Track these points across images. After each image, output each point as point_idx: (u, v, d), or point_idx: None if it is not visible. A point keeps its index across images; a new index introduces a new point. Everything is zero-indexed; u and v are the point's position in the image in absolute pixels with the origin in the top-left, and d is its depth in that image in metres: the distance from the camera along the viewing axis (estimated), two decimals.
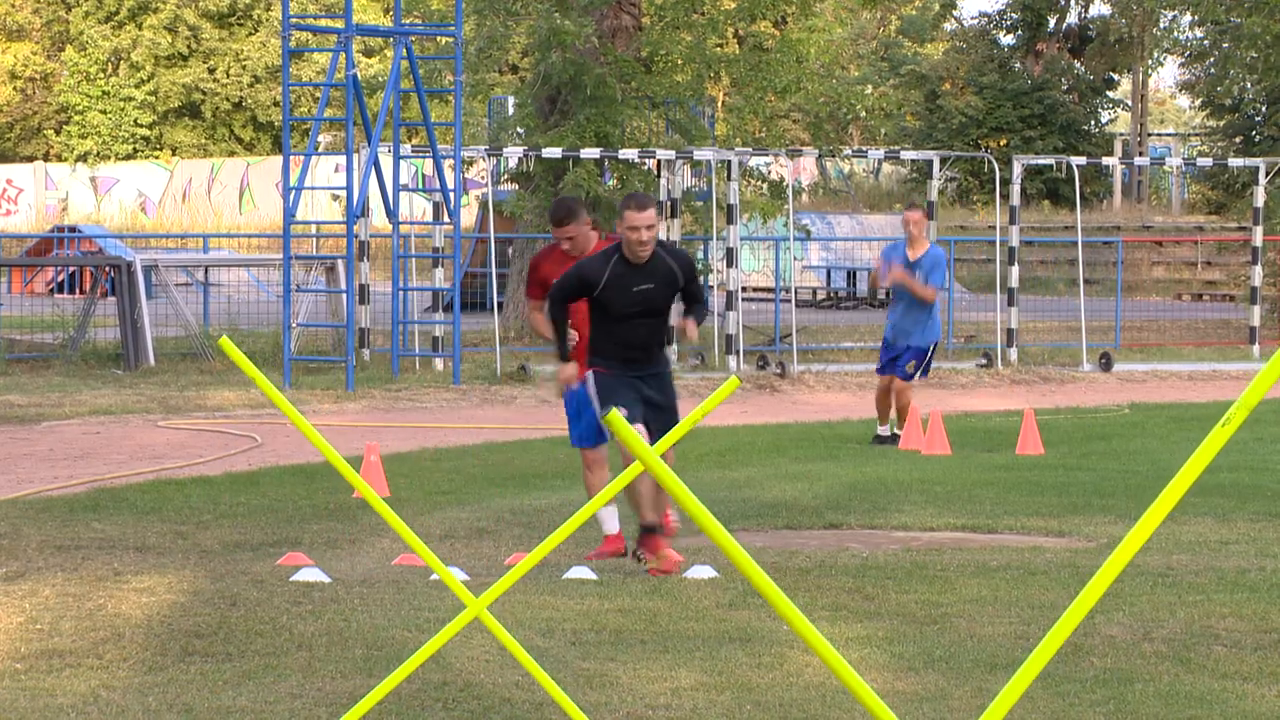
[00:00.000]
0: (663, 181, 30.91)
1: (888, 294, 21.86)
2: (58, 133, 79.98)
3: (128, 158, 76.76)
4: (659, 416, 12.40)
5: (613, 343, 12.41)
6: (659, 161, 31.27)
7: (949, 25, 79.59)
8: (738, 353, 30.42)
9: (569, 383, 12.20)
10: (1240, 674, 9.89)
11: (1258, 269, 33.94)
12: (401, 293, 29.92)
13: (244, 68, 77.69)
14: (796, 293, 36.22)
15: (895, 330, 20.89)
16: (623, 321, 12.36)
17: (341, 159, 30.48)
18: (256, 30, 77.79)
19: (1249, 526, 14.98)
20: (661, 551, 12.44)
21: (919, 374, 21.08)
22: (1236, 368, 31.86)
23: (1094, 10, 75.39)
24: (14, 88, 79.84)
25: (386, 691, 8.29)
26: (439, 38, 32.12)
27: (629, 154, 32.02)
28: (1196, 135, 76.43)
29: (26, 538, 14.01)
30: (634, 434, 5.38)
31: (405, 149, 31.08)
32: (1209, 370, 31.98)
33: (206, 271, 37.32)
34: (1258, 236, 33.96)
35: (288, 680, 9.57)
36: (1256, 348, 33.51)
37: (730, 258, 30.80)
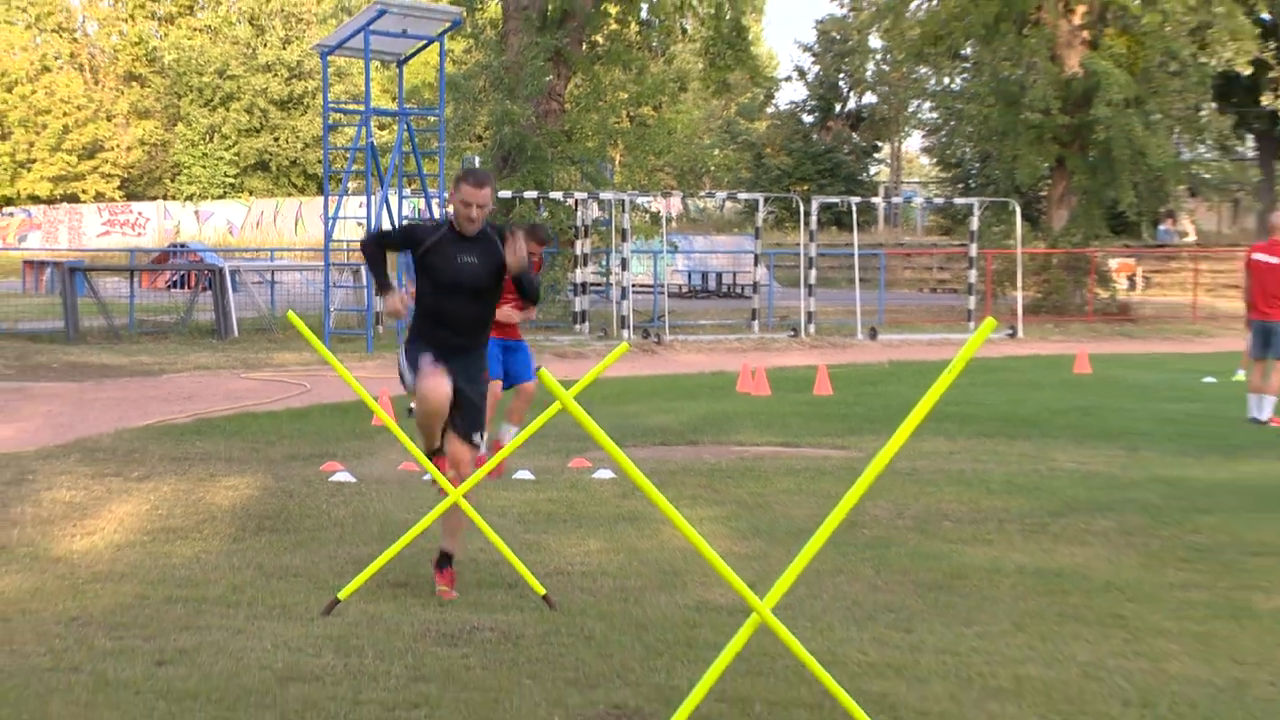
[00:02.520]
0: (579, 213, 30.86)
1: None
2: (172, 180, 79.34)
3: (220, 198, 76.20)
4: (455, 423, 8.38)
5: (433, 324, 8.31)
6: (576, 200, 31.22)
7: (770, 109, 79.76)
8: (628, 327, 30.43)
9: (395, 311, 8.43)
10: (960, 539, 9.97)
11: (973, 271, 34.16)
12: (402, 291, 29.84)
13: (298, 137, 77.22)
14: (667, 287, 36.23)
15: None
16: (446, 296, 8.26)
17: (363, 198, 30.30)
18: (306, 112, 77.19)
19: (967, 443, 15.09)
20: (450, 584, 8.34)
21: None
22: (959, 337, 32.06)
23: (865, 99, 75.69)
24: (142, 150, 79.32)
25: (393, 554, 8.28)
26: (429, 117, 31.92)
27: (556, 195, 31.99)
28: (933, 182, 76.88)
29: (151, 453, 13.91)
30: (557, 384, 5.32)
31: (406, 192, 30.89)
32: (941, 339, 32.18)
33: (273, 274, 37.12)
34: (973, 250, 34.18)
35: (327, 547, 9.55)
36: (972, 323, 33.73)
37: (624, 264, 30.81)
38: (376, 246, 8.77)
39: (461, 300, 8.30)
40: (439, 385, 8.11)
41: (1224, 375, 23.04)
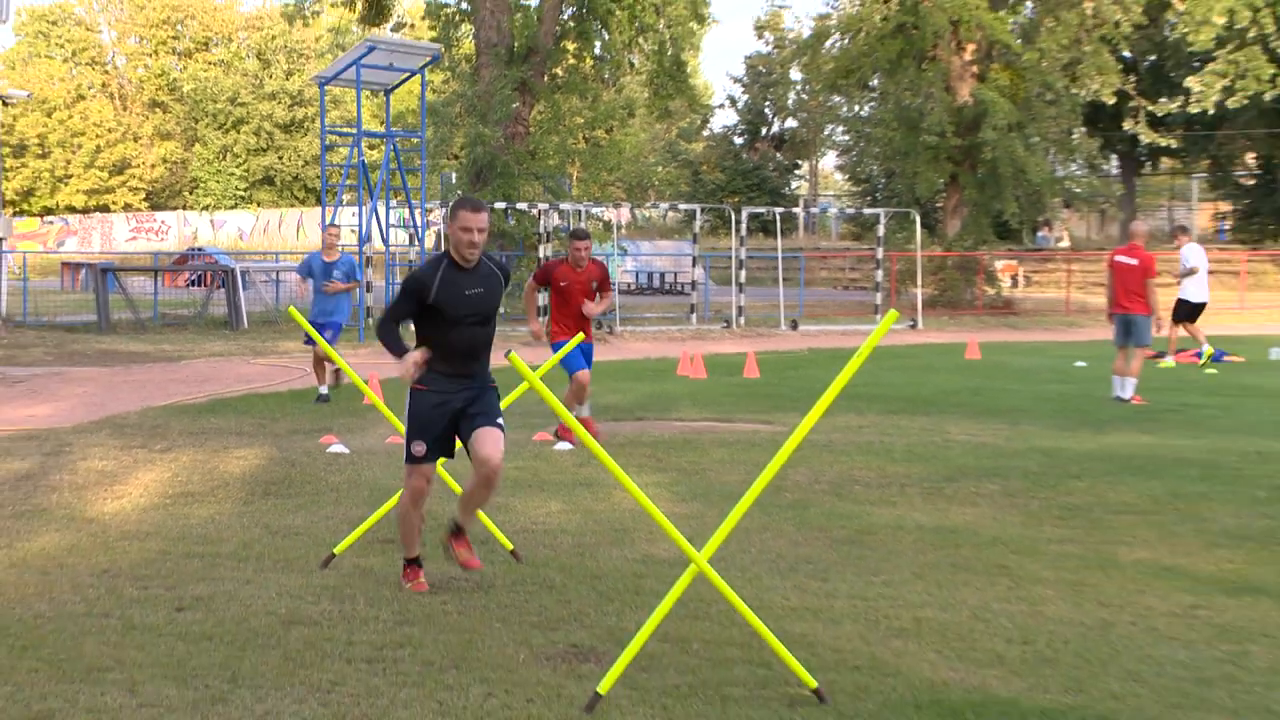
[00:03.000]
0: (542, 221, 30.77)
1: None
2: (191, 193, 78.77)
3: (232, 208, 75.71)
4: (474, 421, 7.18)
5: (443, 351, 7.22)
6: (539, 210, 31.11)
7: (706, 132, 79.68)
8: None
9: (408, 372, 7.10)
10: (869, 501, 10.00)
11: (880, 271, 34.26)
12: (391, 285, 29.73)
13: (299, 156, 76.77)
14: (618, 285, 36.17)
15: (321, 313, 16.78)
16: (456, 327, 7.17)
17: (355, 208, 30.21)
18: (306, 134, 76.71)
19: (875, 418, 15.13)
20: (465, 552, 7.36)
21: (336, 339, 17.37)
22: (868, 328, 32.15)
23: (787, 124, 75.70)
24: (164, 167, 78.84)
25: (381, 515, 8.24)
26: (412, 139, 31.75)
27: (523, 205, 31.86)
28: (845, 195, 77.03)
29: (172, 428, 13.80)
30: (525, 367, 5.29)
31: (393, 203, 30.73)
32: (852, 329, 32.27)
33: (278, 274, 36.86)
34: (880, 253, 34.29)
35: (325, 509, 9.50)
36: (878, 316, 33.83)
37: None
38: (394, 326, 7.42)
39: (472, 330, 7.23)
40: (421, 486, 7.35)
41: (1095, 362, 23.16)
